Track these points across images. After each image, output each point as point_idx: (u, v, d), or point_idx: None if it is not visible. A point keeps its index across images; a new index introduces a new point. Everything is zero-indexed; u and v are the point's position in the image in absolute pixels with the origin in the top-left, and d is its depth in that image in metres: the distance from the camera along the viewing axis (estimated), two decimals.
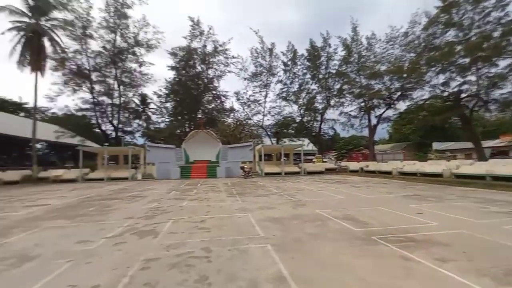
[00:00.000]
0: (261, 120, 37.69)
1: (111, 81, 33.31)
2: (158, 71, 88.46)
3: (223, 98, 40.45)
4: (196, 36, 36.18)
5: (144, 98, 40.84)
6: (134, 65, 34.46)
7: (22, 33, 22.10)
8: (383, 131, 59.37)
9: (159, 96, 39.50)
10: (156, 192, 13.69)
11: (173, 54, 36.55)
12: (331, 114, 39.63)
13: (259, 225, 6.15)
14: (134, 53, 33.44)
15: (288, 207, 8.49)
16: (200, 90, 38.50)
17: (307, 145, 34.93)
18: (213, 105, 41.18)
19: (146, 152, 26.59)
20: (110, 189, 15.88)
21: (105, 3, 29.97)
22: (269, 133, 39.76)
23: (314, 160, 33.44)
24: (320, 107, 36.15)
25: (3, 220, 7.43)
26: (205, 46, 37.00)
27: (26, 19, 22.91)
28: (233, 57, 37.05)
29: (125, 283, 3.31)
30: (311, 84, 35.92)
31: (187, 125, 39.75)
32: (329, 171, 26.71)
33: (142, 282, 3.31)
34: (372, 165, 24.70)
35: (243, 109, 37.87)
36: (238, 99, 37.41)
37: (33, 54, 22.22)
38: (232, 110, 40.36)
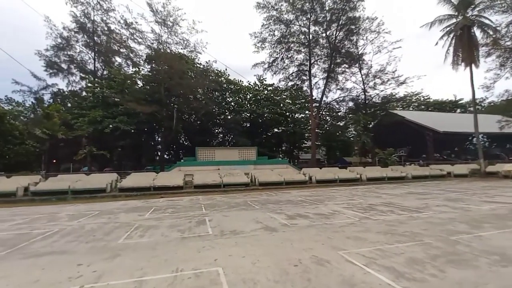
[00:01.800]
0: None
1: None
2: None
3: None
4: None
5: None
6: None
7: (451, 35, 23.55)
8: None
9: None
10: None
11: None
12: None
13: None
14: None
15: None
16: None
17: None
18: None
19: None
20: None
21: None
22: None
23: None
24: None
25: (469, 211, 7.77)
26: None
27: (453, 20, 24.05)
28: None
29: None
30: None
31: None
32: None
33: None
34: None
35: None
36: None
37: (464, 49, 22.54)
38: None
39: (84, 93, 31.91)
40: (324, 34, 29.64)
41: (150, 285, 3.43)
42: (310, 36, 29.41)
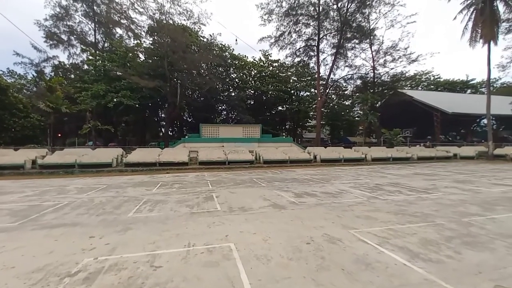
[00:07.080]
0: None
1: None
2: None
3: None
4: None
5: None
6: None
7: (472, 8, 22.07)
8: None
9: None
10: None
11: None
12: None
13: None
14: None
15: None
16: None
17: None
18: None
19: None
20: None
21: None
22: None
23: None
24: None
25: (480, 194, 7.68)
26: None
27: None
28: None
29: None
30: None
31: None
32: None
33: None
34: None
35: None
36: None
37: (484, 25, 21.19)
38: None
39: (85, 66, 31.21)
40: (335, 6, 27.97)
41: (164, 259, 3.43)
42: (320, 8, 27.79)
